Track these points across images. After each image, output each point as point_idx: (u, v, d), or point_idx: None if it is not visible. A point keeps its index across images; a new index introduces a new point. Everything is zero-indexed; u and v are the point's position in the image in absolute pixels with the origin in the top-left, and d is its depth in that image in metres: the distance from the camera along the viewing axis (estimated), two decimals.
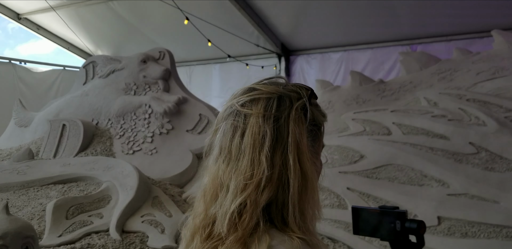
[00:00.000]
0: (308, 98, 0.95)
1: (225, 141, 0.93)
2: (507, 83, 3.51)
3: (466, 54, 4.20)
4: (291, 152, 0.89)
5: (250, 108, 0.92)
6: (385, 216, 1.18)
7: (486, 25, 5.80)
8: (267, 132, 0.89)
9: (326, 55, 8.08)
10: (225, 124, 0.94)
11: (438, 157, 3.19)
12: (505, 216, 2.71)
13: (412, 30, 7.03)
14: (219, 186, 0.91)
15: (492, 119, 3.19)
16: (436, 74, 4.10)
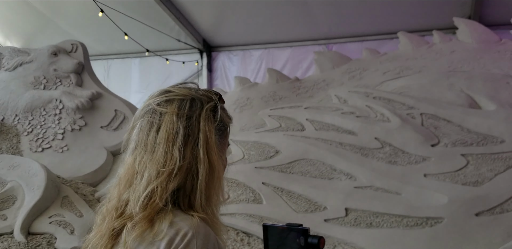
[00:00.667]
0: (216, 101, 1.10)
1: (141, 136, 1.05)
2: (410, 82, 3.77)
3: (375, 54, 4.45)
4: (201, 146, 1.03)
5: (165, 107, 1.05)
6: (291, 232, 1.32)
7: (396, 27, 6.18)
8: (180, 128, 1.02)
9: (248, 53, 8.16)
10: (141, 121, 1.07)
11: (346, 151, 3.35)
12: (406, 207, 2.91)
13: (328, 30, 7.31)
14: (134, 174, 1.02)
15: (396, 116, 3.40)
16: (347, 73, 4.30)
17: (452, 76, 3.65)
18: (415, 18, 6.63)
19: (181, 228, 0.97)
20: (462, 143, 3.13)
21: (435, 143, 3.19)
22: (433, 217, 2.81)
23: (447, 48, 4.08)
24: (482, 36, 4.01)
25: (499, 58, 3.74)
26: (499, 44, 3.91)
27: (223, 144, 1.15)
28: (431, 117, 3.35)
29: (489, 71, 3.65)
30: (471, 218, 2.73)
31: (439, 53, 4.05)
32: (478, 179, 2.92)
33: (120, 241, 1.01)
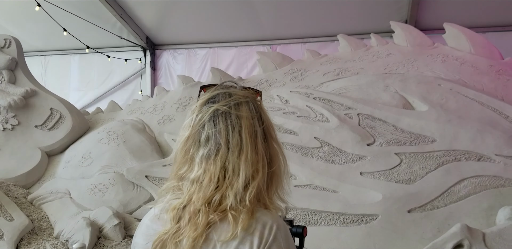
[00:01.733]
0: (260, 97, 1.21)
1: (223, 138, 1.10)
2: (348, 84, 3.87)
3: (316, 56, 4.54)
4: (273, 141, 1.14)
5: (238, 110, 1.12)
6: None
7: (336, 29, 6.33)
8: (258, 127, 1.11)
9: (192, 51, 8.07)
10: (214, 124, 1.12)
11: (287, 151, 3.39)
12: (343, 204, 3.00)
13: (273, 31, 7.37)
14: (226, 174, 1.08)
15: (334, 116, 3.48)
16: (289, 73, 4.36)
17: (387, 78, 3.79)
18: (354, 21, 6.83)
19: (266, 222, 1.06)
20: (396, 142, 3.26)
21: (371, 142, 3.30)
22: (368, 214, 2.91)
23: (383, 51, 4.23)
24: (417, 40, 4.20)
25: (431, 61, 3.93)
26: (432, 48, 4.11)
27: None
28: (367, 117, 3.46)
29: (422, 73, 3.82)
30: (404, 214, 2.85)
31: (376, 56, 4.20)
32: (411, 176, 3.05)
33: (211, 233, 1.07)
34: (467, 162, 3.08)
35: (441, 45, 4.13)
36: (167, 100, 4.55)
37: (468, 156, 3.09)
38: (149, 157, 3.96)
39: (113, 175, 3.79)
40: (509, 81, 3.59)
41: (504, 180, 2.92)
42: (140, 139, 4.12)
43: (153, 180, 3.66)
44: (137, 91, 8.05)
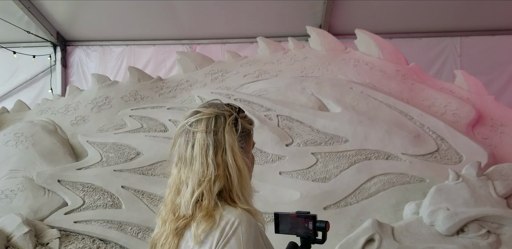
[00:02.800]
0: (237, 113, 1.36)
1: (181, 151, 1.32)
2: (267, 85, 3.97)
3: (236, 57, 4.59)
4: (228, 155, 1.29)
5: (196, 127, 1.31)
6: (300, 218, 1.57)
7: (255, 31, 6.45)
8: (210, 142, 1.28)
9: (107, 48, 7.77)
10: (179, 139, 1.33)
11: None
12: (263, 204, 3.06)
13: (192, 30, 7.33)
14: (180, 183, 1.29)
15: (255, 117, 3.55)
16: (210, 74, 4.37)
17: (304, 80, 3.94)
18: (272, 24, 7.01)
19: (229, 219, 1.23)
20: (312, 142, 3.40)
21: (289, 143, 3.41)
22: None
23: (300, 54, 4.39)
24: (331, 44, 4.41)
25: (344, 66, 4.15)
26: (345, 53, 4.34)
27: (247, 147, 1.41)
28: (286, 118, 3.58)
29: (336, 77, 4.03)
30: (320, 212, 2.99)
31: (294, 59, 4.35)
32: (326, 175, 3.20)
33: (185, 236, 1.28)
34: (376, 161, 3.30)
35: (353, 50, 4.37)
36: (80, 100, 4.34)
37: (377, 155, 3.31)
38: (61, 160, 3.75)
39: (21, 180, 3.54)
40: (413, 85, 3.89)
41: (409, 177, 3.17)
42: (51, 141, 3.88)
43: (67, 185, 3.46)
44: (46, 90, 7.58)
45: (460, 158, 3.31)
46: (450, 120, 3.62)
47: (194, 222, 1.25)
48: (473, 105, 3.77)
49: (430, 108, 3.73)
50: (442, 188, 2.92)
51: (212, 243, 1.22)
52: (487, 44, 7.45)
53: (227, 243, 1.21)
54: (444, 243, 2.73)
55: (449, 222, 2.72)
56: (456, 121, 3.63)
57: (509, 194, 2.90)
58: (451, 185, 2.91)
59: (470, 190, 2.86)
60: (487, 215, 2.71)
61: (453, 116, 3.67)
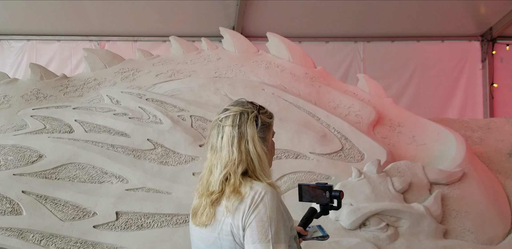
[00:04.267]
0: (258, 111, 1.65)
1: (213, 141, 1.62)
2: (181, 86, 3.94)
3: (148, 56, 4.50)
4: (249, 144, 1.59)
5: (225, 122, 1.61)
6: (319, 189, 1.86)
7: (168, 30, 6.37)
8: (235, 134, 1.58)
9: (6, 43, 7.19)
10: (212, 131, 1.65)
11: (118, 153, 3.30)
12: (176, 205, 3.04)
13: (100, 26, 7.04)
14: (212, 166, 1.60)
15: (168, 118, 3.51)
16: (120, 73, 4.23)
17: (218, 81, 3.96)
18: (186, 24, 6.96)
19: (257, 190, 1.54)
20: None
21: (203, 143, 3.42)
22: None
23: (214, 55, 4.42)
24: (243, 46, 4.49)
25: (256, 67, 4.25)
26: (257, 55, 4.44)
27: (267, 137, 1.70)
28: (199, 119, 3.58)
29: (248, 78, 4.11)
30: None
31: (207, 60, 4.36)
32: None
33: (219, 207, 1.57)
34: (286, 160, 3.42)
35: (264, 52, 4.49)
36: None
37: (287, 154, 3.43)
38: None
39: None
40: (320, 88, 4.09)
41: (316, 175, 3.33)
42: None
43: None
44: None
45: (362, 156, 3.55)
46: (353, 121, 3.86)
47: (224, 196, 1.56)
48: (374, 107, 4.05)
49: (336, 109, 3.94)
50: (345, 184, 3.11)
51: (245, 208, 1.51)
52: (387, 49, 8.04)
53: (256, 207, 1.51)
54: (348, 236, 2.92)
55: (352, 217, 2.91)
56: (359, 122, 3.88)
57: (405, 189, 3.16)
58: (354, 181, 3.11)
59: (371, 186, 3.08)
60: (386, 209, 2.94)
61: (356, 117, 3.92)
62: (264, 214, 1.51)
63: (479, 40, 8.25)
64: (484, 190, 3.51)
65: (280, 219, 1.53)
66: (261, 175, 1.60)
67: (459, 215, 3.23)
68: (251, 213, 1.51)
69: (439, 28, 7.94)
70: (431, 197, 3.19)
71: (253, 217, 1.50)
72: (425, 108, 7.55)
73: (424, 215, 3.00)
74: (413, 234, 2.99)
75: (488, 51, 8.14)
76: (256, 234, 1.49)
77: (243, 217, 1.52)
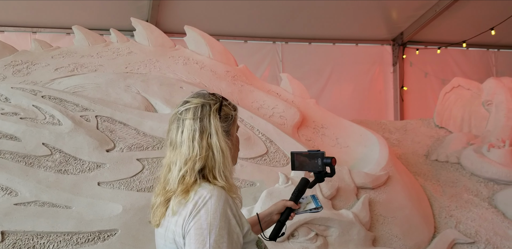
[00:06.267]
0: (221, 102, 1.54)
1: (173, 136, 1.51)
2: (85, 81, 3.45)
3: (46, 47, 3.92)
4: (212, 138, 1.47)
5: (185, 115, 1.49)
6: (311, 156, 1.77)
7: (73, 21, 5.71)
8: (196, 128, 1.47)
9: None
10: (171, 126, 1.53)
11: (6, 161, 2.75)
12: (77, 221, 2.58)
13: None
14: (171, 163, 1.49)
15: (68, 118, 3.02)
16: (11, 66, 3.61)
17: (129, 77, 3.53)
18: (93, 15, 6.35)
19: (202, 194, 1.40)
20: (138, 147, 3.03)
21: (110, 148, 2.98)
22: (107, 229, 2.59)
23: (124, 48, 3.96)
24: (158, 40, 4.08)
25: (173, 63, 3.87)
26: (174, 50, 4.06)
27: (231, 131, 1.55)
28: (106, 120, 3.13)
29: (164, 75, 3.72)
30: (146, 225, 2.64)
31: (116, 53, 3.89)
32: (154, 184, 2.86)
33: (170, 206, 1.45)
34: None
35: (182, 47, 4.12)
36: None
37: None
38: None
39: None
40: (243, 87, 3.82)
41: (240, 181, 3.04)
42: None
43: None
44: None
45: (287, 160, 3.32)
46: (278, 122, 3.63)
47: (173, 196, 1.44)
48: (298, 108, 3.87)
49: (259, 110, 3.70)
50: (272, 191, 2.85)
51: (186, 213, 1.38)
52: (305, 51, 8.01)
53: (198, 213, 1.37)
54: None
55: None
56: (283, 123, 3.66)
57: (333, 195, 2.98)
58: (281, 188, 2.87)
59: None
60: (316, 218, 2.73)
61: (280, 118, 3.70)
62: (204, 221, 1.37)
63: (390, 45, 8.53)
64: (408, 193, 3.46)
65: (224, 226, 1.38)
66: (220, 174, 1.46)
67: (386, 221, 3.13)
68: (191, 220, 1.38)
69: (354, 32, 8.08)
70: (359, 202, 3.05)
71: (192, 224, 1.37)
72: (342, 110, 7.61)
73: (354, 222, 2.84)
74: (342, 243, 2.81)
75: (399, 55, 8.45)
76: (193, 243, 1.35)
77: (183, 223, 1.39)
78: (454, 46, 8.39)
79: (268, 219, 1.81)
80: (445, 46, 8.43)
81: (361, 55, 8.42)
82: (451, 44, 8.33)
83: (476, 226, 3.47)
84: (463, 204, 3.82)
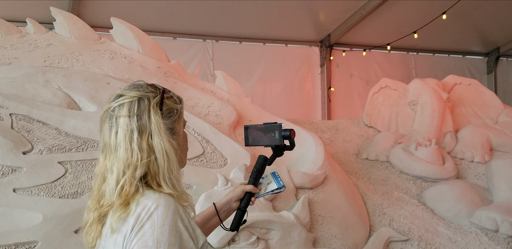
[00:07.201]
0: (162, 94, 1.31)
1: (106, 138, 1.27)
2: None
3: None
4: (153, 139, 1.24)
5: (118, 112, 1.26)
6: (267, 129, 1.64)
7: None
8: (134, 127, 1.23)
9: None
10: (103, 125, 1.29)
11: None
12: None
13: None
14: (106, 170, 1.25)
15: None
16: None
17: (48, 71, 3.19)
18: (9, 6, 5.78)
19: (146, 204, 1.18)
20: (59, 148, 2.73)
21: (28, 150, 2.65)
22: (25, 242, 2.29)
23: (43, 40, 3.57)
24: (82, 32, 3.74)
25: (98, 57, 3.56)
26: (99, 43, 3.74)
27: (176, 127, 1.34)
28: (23, 118, 2.78)
29: (89, 69, 3.41)
30: (70, 236, 2.37)
31: (34, 45, 3.50)
32: (78, 189, 2.59)
33: (106, 224, 1.23)
34: None
35: (108, 41, 3.82)
36: None
37: None
38: None
39: None
40: (176, 84, 3.61)
41: None
42: None
43: None
44: None
45: (225, 160, 3.18)
46: (214, 121, 3.48)
47: (111, 211, 1.21)
48: (234, 106, 3.74)
49: (194, 109, 3.51)
50: (211, 194, 2.70)
51: (127, 229, 1.16)
52: (236, 50, 7.92)
53: (141, 228, 1.15)
54: None
55: (220, 233, 2.51)
56: (219, 122, 3.51)
57: (273, 197, 2.89)
58: (220, 190, 2.72)
59: None
60: (257, 221, 2.61)
61: (216, 117, 3.54)
62: (150, 237, 1.14)
63: (318, 46, 8.68)
64: (345, 192, 3.46)
65: (175, 242, 1.15)
66: (165, 180, 1.24)
67: (325, 221, 3.09)
68: (133, 237, 1.15)
69: (284, 32, 8.12)
70: (299, 203, 2.98)
71: (136, 242, 1.14)
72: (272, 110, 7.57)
73: (295, 224, 2.76)
74: (284, 246, 2.72)
75: (326, 56, 8.61)
76: None
77: (124, 242, 1.16)
78: (378, 48, 8.71)
79: (227, 207, 1.64)
80: (369, 49, 8.73)
81: (290, 55, 8.49)
82: (376, 47, 8.65)
83: (408, 224, 3.55)
84: (395, 202, 3.90)
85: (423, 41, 8.64)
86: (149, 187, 1.24)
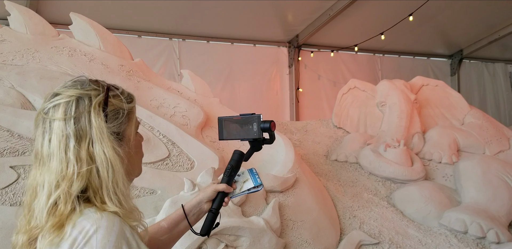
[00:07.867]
0: (106, 92, 1.11)
1: (37, 147, 1.07)
2: None
3: None
4: (94, 146, 1.05)
5: (52, 114, 1.05)
6: (244, 121, 1.47)
7: None
8: (70, 133, 1.04)
9: None
10: (37, 131, 1.09)
11: None
12: None
13: None
14: (37, 185, 1.05)
15: None
16: None
17: (1, 69, 2.97)
18: None
19: (84, 227, 0.99)
20: (11, 151, 2.52)
21: None
22: None
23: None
24: (38, 27, 3.51)
25: (56, 54, 3.35)
26: (57, 39, 3.52)
27: (128, 129, 1.15)
28: None
29: (45, 67, 3.20)
30: None
31: None
32: None
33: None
34: None
35: (67, 37, 3.60)
36: None
37: None
38: None
39: None
40: (140, 83, 3.44)
41: (138, 190, 2.68)
42: None
43: None
44: None
45: (192, 163, 3.04)
46: (180, 122, 3.33)
47: (40, 235, 1.02)
48: (201, 107, 3.60)
49: (159, 109, 3.35)
50: (177, 200, 2.56)
51: None
52: (203, 49, 7.75)
53: None
54: None
55: (186, 242, 2.37)
56: (186, 124, 3.37)
57: (243, 201, 2.77)
58: (187, 195, 2.58)
59: None
60: (226, 227, 2.48)
61: (182, 118, 3.40)
62: None
63: (286, 46, 8.62)
64: (315, 195, 3.38)
65: None
66: (110, 196, 1.05)
67: (296, 225, 2.99)
68: None
69: (252, 32, 8.02)
70: (269, 207, 2.88)
71: None
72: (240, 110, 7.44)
73: (265, 229, 2.65)
74: None
75: (294, 57, 8.57)
76: None
77: None
78: (346, 50, 8.74)
79: (197, 210, 1.45)
80: (337, 50, 8.75)
81: (258, 56, 8.40)
82: (344, 48, 8.67)
83: (378, 226, 3.50)
84: (365, 204, 3.86)
85: (389, 43, 8.73)
86: (91, 203, 1.05)
